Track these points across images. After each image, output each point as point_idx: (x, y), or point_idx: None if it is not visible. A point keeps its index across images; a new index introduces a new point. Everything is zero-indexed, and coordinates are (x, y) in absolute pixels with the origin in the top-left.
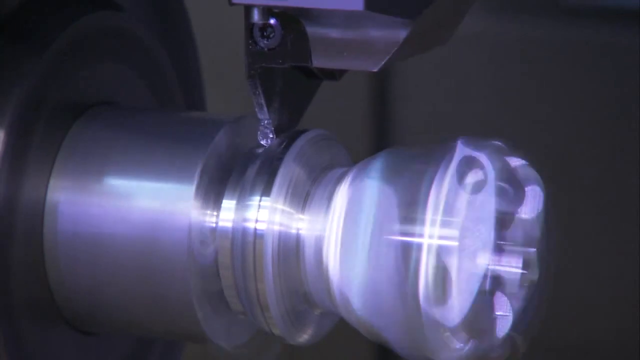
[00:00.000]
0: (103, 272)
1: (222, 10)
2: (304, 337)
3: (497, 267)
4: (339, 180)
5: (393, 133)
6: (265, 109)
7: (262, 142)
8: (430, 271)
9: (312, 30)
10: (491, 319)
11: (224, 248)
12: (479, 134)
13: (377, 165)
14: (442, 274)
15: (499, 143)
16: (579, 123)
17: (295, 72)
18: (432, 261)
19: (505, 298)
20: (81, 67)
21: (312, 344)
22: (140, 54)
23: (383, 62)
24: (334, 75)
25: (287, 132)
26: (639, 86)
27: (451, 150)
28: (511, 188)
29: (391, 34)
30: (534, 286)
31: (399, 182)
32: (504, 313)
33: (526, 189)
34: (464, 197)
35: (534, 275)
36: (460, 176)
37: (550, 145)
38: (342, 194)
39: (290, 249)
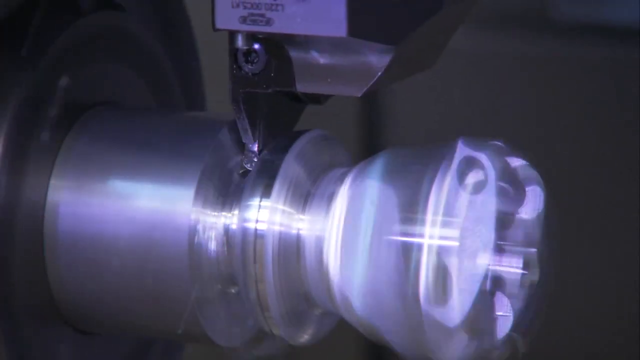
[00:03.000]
0: (103, 273)
1: None
2: (304, 337)
3: (498, 268)
4: (339, 181)
5: (383, 144)
6: (249, 133)
7: (246, 167)
8: (431, 271)
9: (296, 55)
10: (492, 320)
11: (224, 248)
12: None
13: (377, 166)
14: (442, 274)
15: (500, 143)
16: (575, 138)
17: (280, 96)
18: (433, 261)
19: (506, 298)
20: (81, 67)
21: (312, 344)
22: (140, 54)
23: (366, 88)
24: (318, 99)
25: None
26: (633, 101)
27: (452, 150)
28: (512, 188)
29: (375, 59)
30: (534, 286)
31: (399, 182)
32: (505, 313)
33: (527, 189)
34: (464, 198)
35: (535, 276)
36: (461, 176)
37: (543, 161)
38: (342, 194)
39: (291, 250)
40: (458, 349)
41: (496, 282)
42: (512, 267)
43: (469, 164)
